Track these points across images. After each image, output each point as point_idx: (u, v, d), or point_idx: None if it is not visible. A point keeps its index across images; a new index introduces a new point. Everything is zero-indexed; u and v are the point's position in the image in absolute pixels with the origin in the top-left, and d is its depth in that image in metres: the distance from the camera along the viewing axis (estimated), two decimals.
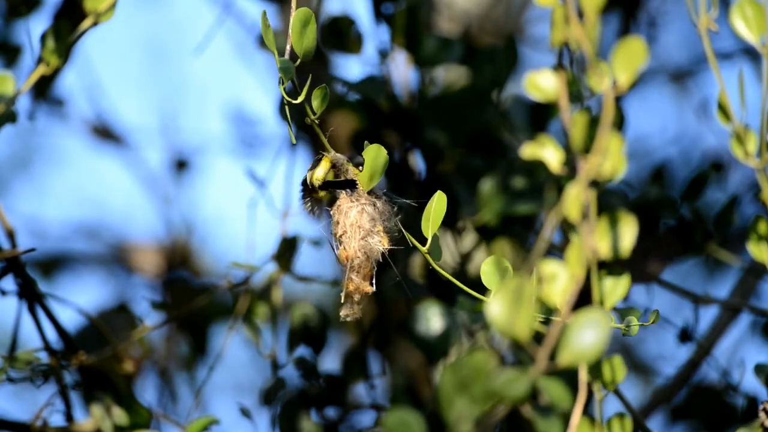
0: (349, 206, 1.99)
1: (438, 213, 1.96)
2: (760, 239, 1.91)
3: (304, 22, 1.92)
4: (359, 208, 1.99)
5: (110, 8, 2.24)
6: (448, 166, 2.99)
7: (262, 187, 2.99)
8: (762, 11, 1.83)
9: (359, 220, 1.99)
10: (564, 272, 1.64)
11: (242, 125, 4.25)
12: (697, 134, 4.33)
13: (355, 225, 1.98)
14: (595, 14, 1.65)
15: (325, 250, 3.18)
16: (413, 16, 3.00)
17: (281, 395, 2.88)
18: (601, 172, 1.64)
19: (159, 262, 4.59)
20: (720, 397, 3.22)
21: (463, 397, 1.59)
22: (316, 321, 2.87)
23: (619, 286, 1.81)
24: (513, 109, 3.01)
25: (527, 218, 2.95)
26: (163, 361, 3.94)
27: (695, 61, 4.36)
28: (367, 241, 1.99)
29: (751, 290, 3.24)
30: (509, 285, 1.58)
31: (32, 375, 2.53)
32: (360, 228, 1.99)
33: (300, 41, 1.93)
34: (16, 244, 2.53)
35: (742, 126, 1.83)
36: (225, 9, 3.40)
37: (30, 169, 5.13)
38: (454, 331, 2.86)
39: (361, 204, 1.99)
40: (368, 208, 1.99)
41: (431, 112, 3.00)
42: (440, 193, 1.97)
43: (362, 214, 1.99)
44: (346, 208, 1.99)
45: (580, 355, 1.56)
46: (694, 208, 2.99)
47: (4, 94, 2.23)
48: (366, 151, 2.01)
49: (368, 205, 2.00)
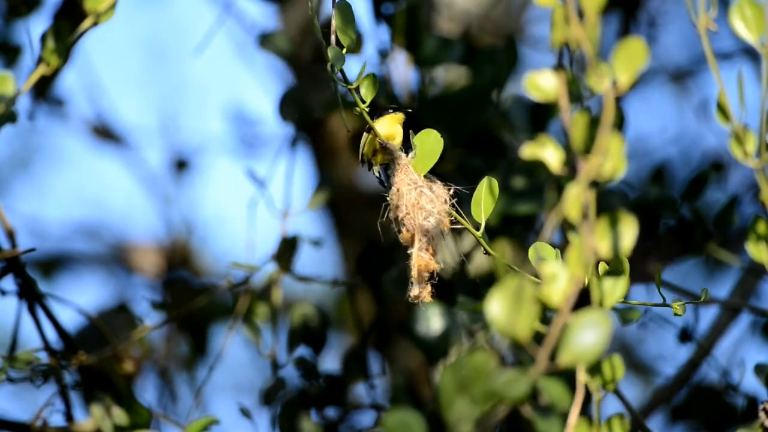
0: (408, 189, 2.06)
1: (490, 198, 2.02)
2: (760, 239, 1.91)
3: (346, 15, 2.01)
4: (418, 190, 2.05)
5: (110, 8, 2.24)
6: (448, 166, 2.99)
7: (262, 187, 2.99)
8: (761, 11, 1.83)
9: (420, 202, 2.05)
10: (564, 272, 1.64)
11: (242, 125, 4.25)
12: (697, 134, 4.33)
13: (416, 206, 2.05)
14: (595, 14, 1.65)
15: (325, 250, 3.19)
16: (413, 16, 3.00)
17: (281, 395, 2.88)
18: (601, 172, 1.64)
19: (159, 262, 4.60)
20: (720, 397, 3.22)
21: (463, 398, 1.59)
22: (316, 321, 2.87)
23: (618, 286, 1.81)
24: (513, 109, 3.01)
25: (527, 218, 2.95)
26: (163, 361, 3.94)
27: (695, 61, 4.36)
28: (429, 220, 2.05)
29: (751, 290, 3.24)
30: (509, 285, 1.58)
31: (32, 375, 2.53)
32: (421, 209, 2.05)
33: (345, 35, 2.01)
34: (16, 244, 2.53)
35: (742, 126, 1.83)
36: (225, 9, 3.40)
37: (30, 169, 5.13)
38: (454, 331, 2.86)
39: (419, 187, 2.06)
40: (426, 190, 2.06)
41: (431, 112, 3.00)
42: (491, 178, 2.02)
43: (421, 196, 2.05)
44: (405, 191, 2.06)
45: (581, 355, 1.56)
46: (694, 208, 2.99)
47: (4, 94, 2.23)
48: (418, 135, 2.08)
49: (425, 188, 2.06)
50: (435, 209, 2.05)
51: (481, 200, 2.02)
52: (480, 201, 2.02)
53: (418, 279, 2.05)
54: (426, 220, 2.05)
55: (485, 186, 2.02)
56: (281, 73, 3.75)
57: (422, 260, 2.05)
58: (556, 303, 1.62)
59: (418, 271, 2.05)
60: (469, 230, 2.04)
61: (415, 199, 2.05)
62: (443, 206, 2.06)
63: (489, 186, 2.02)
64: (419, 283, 2.06)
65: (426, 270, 2.05)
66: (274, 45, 3.10)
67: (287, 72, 3.60)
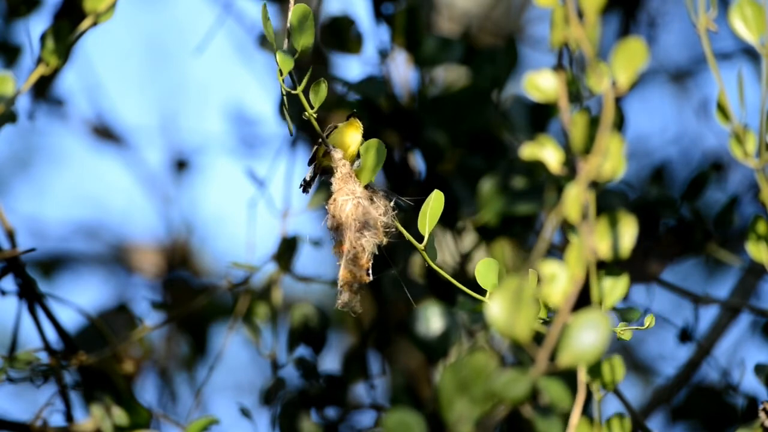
0: (345, 200, 2.04)
1: (435, 211, 2.00)
2: (760, 239, 1.91)
3: (302, 18, 1.97)
4: (355, 201, 2.04)
5: (110, 8, 2.24)
6: (448, 166, 2.99)
7: (262, 187, 2.99)
8: (761, 11, 1.83)
9: (354, 213, 2.04)
10: (564, 272, 1.64)
11: (242, 125, 4.25)
12: (697, 134, 4.33)
13: (350, 218, 2.03)
14: (595, 14, 1.65)
15: (325, 250, 3.18)
16: (413, 16, 3.00)
17: (281, 395, 2.88)
18: (601, 172, 1.64)
19: (159, 262, 4.60)
20: (720, 397, 3.22)
21: (463, 398, 1.59)
22: (316, 321, 2.87)
23: (618, 286, 1.81)
24: (513, 109, 3.01)
25: (527, 218, 2.95)
26: (163, 361, 3.94)
27: (695, 61, 4.36)
28: (363, 233, 2.04)
29: (751, 290, 3.25)
30: (509, 285, 1.58)
31: (32, 375, 2.53)
32: (356, 221, 2.03)
33: (298, 37, 1.97)
34: (16, 244, 2.53)
35: (742, 126, 1.83)
36: (225, 9, 3.40)
37: (30, 169, 5.13)
38: (454, 331, 2.86)
39: (357, 198, 2.04)
40: (364, 201, 2.04)
41: (431, 112, 3.00)
42: (437, 191, 2.01)
43: (358, 207, 2.04)
44: (341, 201, 2.04)
45: (581, 355, 1.56)
46: (694, 208, 2.99)
47: (4, 94, 2.23)
48: (363, 145, 2.05)
49: (364, 199, 2.05)
50: (371, 221, 2.04)
51: (426, 214, 2.01)
52: (425, 215, 2.01)
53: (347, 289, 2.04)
54: (360, 232, 2.04)
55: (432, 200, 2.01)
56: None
57: (349, 273, 2.04)
58: (555, 303, 1.62)
59: (345, 282, 2.04)
60: (412, 242, 2.03)
61: (351, 210, 2.04)
62: (381, 218, 2.04)
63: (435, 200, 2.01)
64: (348, 293, 2.04)
65: (354, 282, 2.04)
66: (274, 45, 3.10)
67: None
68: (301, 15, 1.97)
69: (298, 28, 1.97)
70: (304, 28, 1.97)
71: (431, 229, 2.00)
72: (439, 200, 2.00)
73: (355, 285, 2.04)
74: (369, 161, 2.03)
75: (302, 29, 1.97)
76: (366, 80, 3.00)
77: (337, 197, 2.05)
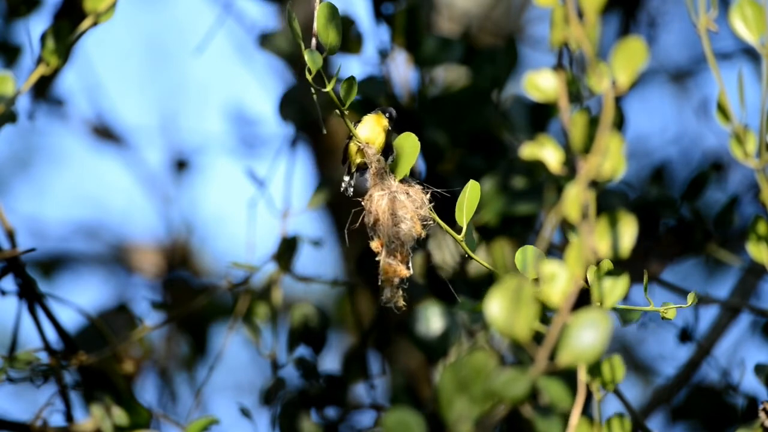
0: (380, 195, 2.05)
1: (472, 202, 2.01)
2: (760, 239, 1.91)
3: (329, 16, 1.97)
4: (390, 196, 2.05)
5: (110, 8, 2.24)
6: (448, 166, 2.99)
7: (262, 187, 2.99)
8: (761, 11, 1.83)
9: (391, 207, 2.05)
10: (564, 272, 1.64)
11: (242, 125, 4.25)
12: (697, 134, 4.33)
13: (387, 212, 2.05)
14: (595, 14, 1.65)
15: (325, 250, 3.19)
16: (413, 16, 3.00)
17: (281, 395, 2.88)
18: (601, 172, 1.64)
19: (159, 262, 4.60)
20: (720, 397, 3.22)
21: (463, 397, 1.59)
22: (316, 321, 2.87)
23: (618, 286, 1.81)
24: (513, 109, 3.01)
25: (527, 218, 2.95)
26: (163, 361, 3.94)
27: (695, 61, 4.36)
28: (400, 227, 2.05)
29: (751, 290, 3.25)
30: (509, 285, 1.58)
31: (32, 375, 2.53)
32: (393, 215, 2.05)
33: (326, 34, 1.98)
34: (16, 244, 2.53)
35: (742, 126, 1.83)
36: (225, 9, 3.40)
37: (30, 169, 5.13)
38: (454, 331, 2.86)
39: (393, 192, 2.05)
40: (400, 195, 2.06)
41: (431, 112, 3.00)
42: (473, 182, 2.02)
43: (394, 202, 2.05)
44: (377, 197, 2.06)
45: (580, 355, 1.56)
46: (694, 208, 2.99)
47: (4, 94, 2.23)
48: (397, 139, 2.06)
49: (400, 193, 2.06)
50: (407, 215, 2.04)
51: (464, 204, 2.02)
52: (462, 205, 2.02)
53: (388, 284, 2.06)
54: (397, 226, 2.04)
55: (468, 190, 2.02)
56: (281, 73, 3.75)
57: (389, 267, 2.05)
58: (555, 303, 1.62)
59: (386, 277, 2.05)
60: (451, 234, 2.04)
61: (387, 205, 2.04)
62: (417, 211, 2.05)
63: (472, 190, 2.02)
64: (390, 288, 2.06)
65: (394, 276, 2.05)
66: (274, 45, 3.11)
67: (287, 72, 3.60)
68: (329, 14, 1.97)
69: (325, 27, 1.97)
70: (332, 27, 1.98)
71: (469, 220, 2.01)
72: (476, 191, 2.01)
73: (395, 280, 2.06)
74: (403, 155, 2.05)
75: (330, 28, 1.98)
76: (366, 80, 3.00)
77: (373, 193, 2.06)
